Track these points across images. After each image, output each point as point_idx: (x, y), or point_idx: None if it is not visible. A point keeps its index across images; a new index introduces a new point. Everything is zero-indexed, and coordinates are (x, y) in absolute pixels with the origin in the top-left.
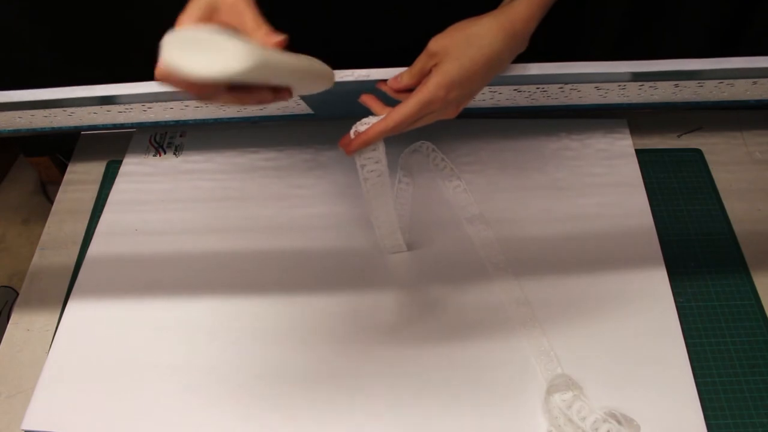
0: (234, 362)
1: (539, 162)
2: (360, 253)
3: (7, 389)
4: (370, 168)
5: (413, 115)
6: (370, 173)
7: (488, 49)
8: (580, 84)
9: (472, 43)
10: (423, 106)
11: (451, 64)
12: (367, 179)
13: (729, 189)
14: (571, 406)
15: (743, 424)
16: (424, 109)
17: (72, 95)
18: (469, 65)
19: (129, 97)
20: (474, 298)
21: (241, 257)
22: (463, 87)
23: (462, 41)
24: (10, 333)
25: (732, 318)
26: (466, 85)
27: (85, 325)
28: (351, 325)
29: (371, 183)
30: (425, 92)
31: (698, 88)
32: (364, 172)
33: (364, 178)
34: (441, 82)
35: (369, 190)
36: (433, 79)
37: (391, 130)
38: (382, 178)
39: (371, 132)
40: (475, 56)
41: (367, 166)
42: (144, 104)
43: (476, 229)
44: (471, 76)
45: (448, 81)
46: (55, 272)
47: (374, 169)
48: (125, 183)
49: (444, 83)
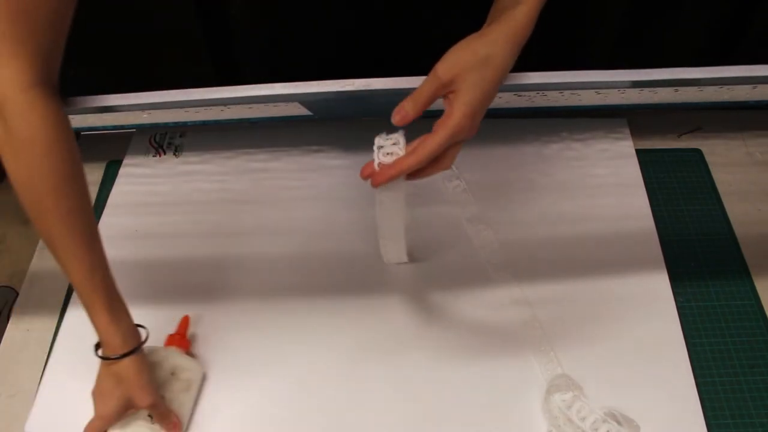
0: (231, 363)
1: (539, 162)
2: (360, 256)
3: (7, 389)
4: (388, 194)
5: (441, 148)
6: (386, 197)
7: (502, 68)
8: (580, 90)
9: (488, 65)
10: (451, 138)
11: (472, 92)
12: (383, 202)
13: (729, 189)
14: (571, 406)
15: (743, 424)
16: (453, 140)
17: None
18: (489, 88)
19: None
20: (474, 298)
21: (241, 258)
22: (483, 108)
23: (477, 65)
24: (10, 333)
25: (732, 318)
26: (486, 105)
27: (87, 326)
28: (349, 326)
29: (386, 207)
30: (452, 125)
31: (698, 93)
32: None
33: (380, 200)
34: (467, 113)
35: (383, 214)
36: (458, 111)
37: (420, 164)
38: (397, 203)
39: (400, 167)
40: (492, 77)
41: (386, 203)
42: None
43: (476, 229)
44: (490, 96)
45: (473, 110)
46: (55, 273)
47: (391, 195)
48: (125, 185)
49: (469, 113)
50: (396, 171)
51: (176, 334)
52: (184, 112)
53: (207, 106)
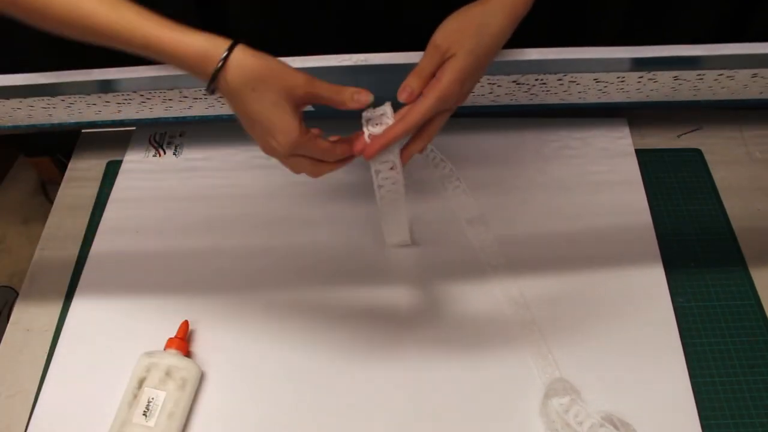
0: (231, 362)
1: (539, 161)
2: (361, 252)
3: (7, 389)
4: (385, 175)
5: (430, 113)
6: (384, 180)
7: (499, 38)
8: (578, 75)
9: (484, 32)
10: (440, 103)
11: (465, 58)
12: (382, 186)
13: (728, 188)
14: (568, 410)
15: (743, 423)
16: (441, 106)
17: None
18: (483, 56)
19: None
20: (473, 300)
21: (241, 258)
22: (474, 77)
23: (473, 32)
24: (10, 333)
25: (732, 318)
26: (478, 74)
27: (88, 326)
28: (348, 326)
29: (386, 190)
30: (441, 89)
31: (698, 82)
32: (378, 179)
33: (379, 185)
34: (457, 78)
35: (383, 196)
36: (447, 75)
37: (410, 130)
38: (396, 186)
39: (390, 135)
40: (488, 45)
41: (382, 173)
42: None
43: (476, 230)
44: (483, 65)
45: (464, 76)
46: (55, 272)
47: (389, 176)
48: (126, 181)
49: (459, 78)
50: (387, 139)
51: (175, 338)
52: (182, 101)
53: None
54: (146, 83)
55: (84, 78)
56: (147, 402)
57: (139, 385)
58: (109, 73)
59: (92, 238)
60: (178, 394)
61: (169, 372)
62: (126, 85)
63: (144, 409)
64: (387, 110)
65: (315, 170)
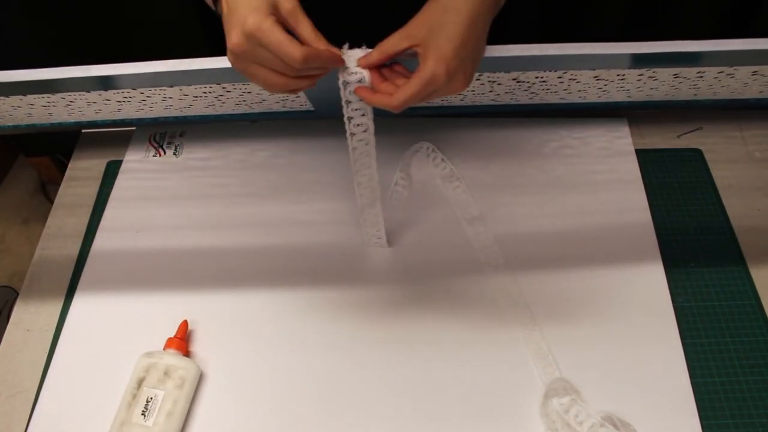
0: (231, 362)
1: (540, 161)
2: (361, 252)
3: (7, 389)
4: (357, 121)
5: (417, 96)
6: (356, 128)
7: (471, 19)
8: (579, 72)
9: (449, 8)
10: (426, 85)
11: (438, 37)
12: (354, 134)
13: (728, 188)
14: (568, 410)
15: (743, 423)
16: (428, 88)
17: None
18: (455, 30)
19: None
20: (473, 299)
21: (241, 257)
22: (458, 54)
23: (438, 11)
24: (10, 333)
25: (732, 318)
26: (461, 52)
27: (88, 326)
28: (347, 326)
29: (357, 139)
30: (426, 71)
31: (698, 80)
32: (351, 126)
33: (351, 132)
34: (437, 57)
35: (356, 147)
36: (428, 57)
37: (394, 108)
38: (368, 134)
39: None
40: (456, 20)
41: (355, 119)
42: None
43: (476, 230)
44: (463, 41)
45: (442, 54)
46: (55, 272)
47: (360, 122)
48: (126, 181)
49: (440, 57)
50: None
51: (175, 338)
52: (182, 99)
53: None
54: (146, 80)
55: (83, 74)
56: (145, 402)
57: (138, 385)
58: (109, 69)
59: (92, 238)
60: (177, 394)
61: (168, 371)
62: (126, 82)
63: (143, 408)
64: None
65: (270, 79)
